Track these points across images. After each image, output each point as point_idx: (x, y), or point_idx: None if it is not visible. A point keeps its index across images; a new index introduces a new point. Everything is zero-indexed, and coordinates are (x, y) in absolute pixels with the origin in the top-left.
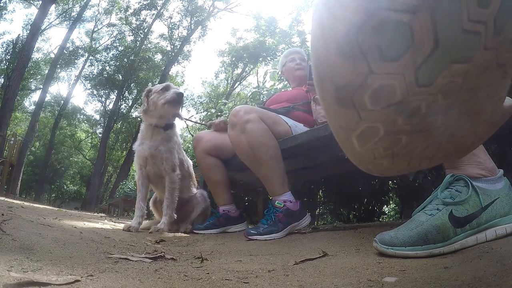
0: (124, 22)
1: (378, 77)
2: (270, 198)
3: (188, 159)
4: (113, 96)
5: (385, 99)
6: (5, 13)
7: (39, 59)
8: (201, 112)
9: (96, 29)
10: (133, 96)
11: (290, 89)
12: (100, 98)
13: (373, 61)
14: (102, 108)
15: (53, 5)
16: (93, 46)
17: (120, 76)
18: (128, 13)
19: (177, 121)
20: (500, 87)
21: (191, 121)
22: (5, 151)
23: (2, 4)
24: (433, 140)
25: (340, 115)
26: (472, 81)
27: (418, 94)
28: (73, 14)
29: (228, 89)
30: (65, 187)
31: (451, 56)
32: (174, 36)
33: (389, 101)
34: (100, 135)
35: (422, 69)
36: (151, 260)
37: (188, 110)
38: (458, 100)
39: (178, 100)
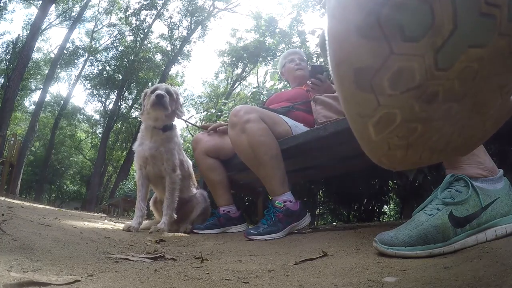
0: (124, 22)
1: (399, 58)
2: (270, 198)
3: (188, 159)
4: (113, 96)
5: (405, 82)
6: (5, 13)
7: (39, 59)
8: (201, 112)
9: (96, 29)
10: (133, 96)
11: (290, 89)
12: (100, 98)
13: (395, 41)
14: (102, 108)
15: (53, 5)
16: (93, 46)
17: (120, 76)
18: (128, 13)
19: (177, 121)
20: (510, 77)
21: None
22: (5, 151)
23: (2, 4)
24: (446, 131)
25: (359, 101)
26: (486, 68)
27: (437, 79)
28: (73, 14)
29: (228, 89)
30: (65, 187)
31: (469, 39)
32: (174, 36)
33: (408, 85)
34: (100, 135)
35: (441, 52)
36: (151, 260)
37: (188, 110)
38: (473, 88)
39: (158, 102)
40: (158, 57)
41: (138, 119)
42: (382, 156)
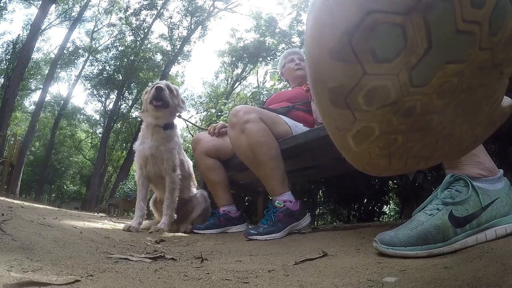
0: (124, 22)
1: (372, 78)
2: (270, 198)
3: (188, 159)
4: (113, 96)
5: (380, 99)
6: (5, 13)
7: (39, 59)
8: (201, 112)
9: (96, 29)
10: (133, 96)
11: (290, 89)
12: (100, 98)
13: (367, 62)
14: (102, 108)
15: (53, 5)
16: (93, 46)
17: (120, 76)
18: (128, 13)
19: (177, 121)
20: (497, 87)
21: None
22: (5, 151)
23: (2, 4)
24: (429, 140)
25: (335, 116)
26: (468, 81)
27: (413, 94)
28: (73, 14)
29: (228, 89)
30: (65, 187)
31: (446, 56)
32: (174, 36)
33: (384, 102)
34: (100, 135)
35: (416, 70)
36: (151, 260)
37: (188, 110)
38: (454, 100)
39: (157, 95)
40: (158, 57)
41: (138, 119)
42: (365, 165)
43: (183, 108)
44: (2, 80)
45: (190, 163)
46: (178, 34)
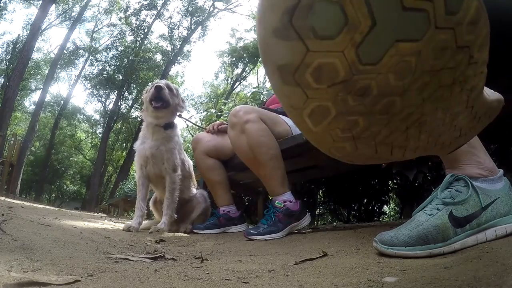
0: (124, 22)
1: (316, 55)
2: (270, 198)
3: (189, 159)
4: (113, 96)
5: (328, 77)
6: (5, 13)
7: (39, 59)
8: (201, 112)
9: (96, 29)
10: (133, 96)
11: None
12: (100, 98)
13: (308, 39)
14: (102, 108)
15: (53, 5)
16: (93, 46)
17: (120, 76)
18: (128, 13)
19: (177, 121)
20: (468, 73)
21: (189, 121)
22: (5, 151)
23: (2, 4)
24: (397, 126)
25: (287, 94)
26: (429, 62)
27: (364, 73)
28: (73, 14)
29: (228, 89)
30: (65, 187)
31: (394, 34)
32: (174, 36)
33: (333, 80)
34: (100, 135)
35: (362, 47)
36: (151, 260)
37: (188, 111)
38: (416, 82)
39: (156, 94)
40: (158, 57)
41: (138, 119)
42: (330, 148)
43: (183, 108)
44: (2, 80)
45: (190, 163)
46: (178, 34)
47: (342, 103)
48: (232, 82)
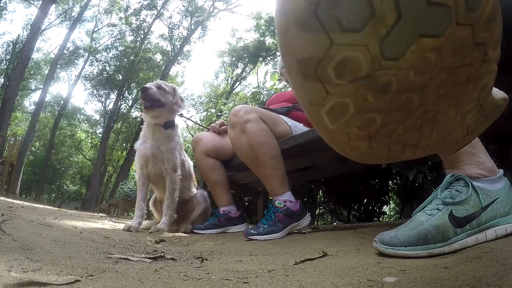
0: (124, 22)
1: (341, 48)
2: (270, 198)
3: (189, 159)
4: (113, 96)
5: (351, 72)
6: (5, 13)
7: (39, 59)
8: (201, 112)
9: (96, 29)
10: (133, 96)
11: (290, 89)
12: (100, 98)
13: (333, 31)
14: (102, 108)
15: (53, 5)
16: (93, 46)
17: (120, 76)
18: (128, 13)
19: (177, 121)
20: (482, 70)
21: (191, 120)
22: (5, 151)
23: (2, 4)
24: (412, 123)
25: (307, 90)
26: (447, 59)
27: (386, 68)
28: (73, 14)
29: (228, 89)
30: (65, 187)
31: (418, 29)
32: (174, 36)
33: (355, 75)
34: (100, 135)
35: (387, 41)
36: (151, 260)
37: (188, 110)
38: (434, 78)
39: (143, 95)
40: (158, 57)
41: (138, 119)
42: (345, 147)
43: (181, 107)
44: (2, 80)
45: (191, 163)
46: (178, 34)
47: (362, 99)
48: (232, 82)
